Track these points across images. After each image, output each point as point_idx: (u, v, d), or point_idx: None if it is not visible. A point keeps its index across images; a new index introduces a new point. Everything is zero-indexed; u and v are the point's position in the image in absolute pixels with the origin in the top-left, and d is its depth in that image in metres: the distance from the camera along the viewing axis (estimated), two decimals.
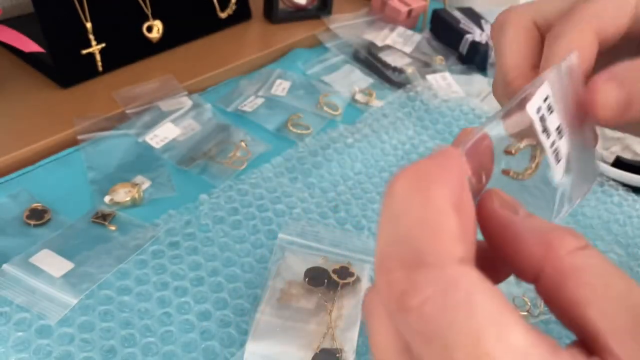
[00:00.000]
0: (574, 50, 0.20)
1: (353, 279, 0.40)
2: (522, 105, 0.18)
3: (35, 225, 0.43)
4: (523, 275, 0.16)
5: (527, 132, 0.18)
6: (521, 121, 0.18)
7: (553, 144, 0.19)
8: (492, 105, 0.64)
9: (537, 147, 0.19)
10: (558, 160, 0.20)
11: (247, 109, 0.58)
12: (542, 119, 0.18)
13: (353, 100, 0.62)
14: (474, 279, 0.13)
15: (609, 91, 0.20)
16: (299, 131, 0.56)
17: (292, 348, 0.36)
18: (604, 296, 0.14)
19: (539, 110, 0.18)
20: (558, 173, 0.20)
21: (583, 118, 0.21)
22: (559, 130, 0.19)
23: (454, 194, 0.14)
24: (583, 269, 0.15)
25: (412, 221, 0.14)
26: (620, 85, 0.20)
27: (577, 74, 0.20)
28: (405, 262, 0.13)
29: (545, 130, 0.19)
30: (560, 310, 0.15)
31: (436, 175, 0.14)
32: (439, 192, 0.14)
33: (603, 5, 0.22)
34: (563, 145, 0.20)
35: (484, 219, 0.17)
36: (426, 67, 0.68)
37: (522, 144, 0.19)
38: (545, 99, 0.18)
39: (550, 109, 0.19)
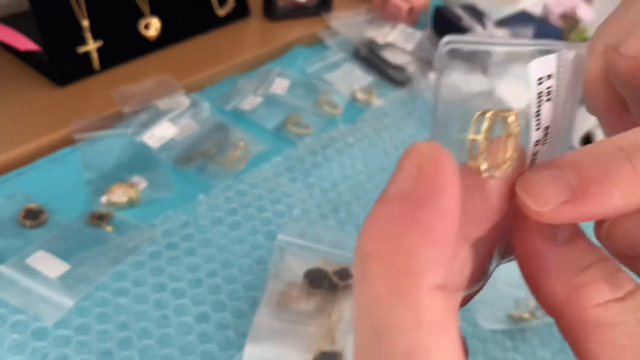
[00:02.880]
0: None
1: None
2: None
3: (31, 226, 0.42)
4: (544, 307, 0.14)
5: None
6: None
7: (537, 143, 0.15)
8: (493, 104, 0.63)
9: (513, 130, 0.14)
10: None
11: (246, 107, 0.57)
12: (540, 98, 0.14)
13: (353, 98, 0.62)
14: None
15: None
16: (298, 130, 0.55)
17: (291, 351, 0.35)
18: None
19: (540, 81, 0.14)
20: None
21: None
22: (546, 132, 0.15)
23: (438, 270, 0.12)
24: (611, 327, 0.12)
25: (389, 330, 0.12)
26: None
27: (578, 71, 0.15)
28: None
29: (538, 114, 0.15)
30: None
31: (417, 251, 0.12)
32: (423, 285, 0.11)
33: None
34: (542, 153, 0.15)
35: (515, 233, 0.14)
36: (428, 65, 0.68)
37: (504, 113, 0.14)
38: (549, 77, 0.14)
39: (549, 93, 0.15)
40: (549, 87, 0.14)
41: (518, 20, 0.70)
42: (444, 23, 0.72)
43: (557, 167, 0.14)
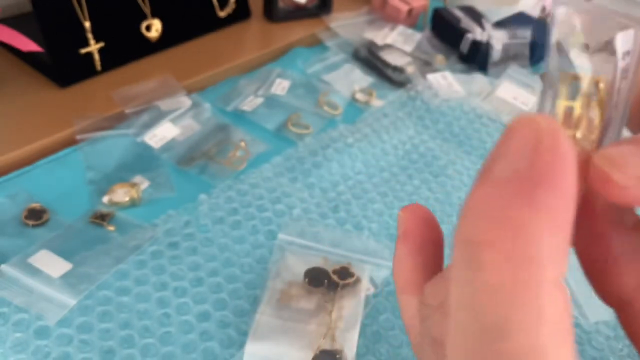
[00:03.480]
0: None
1: (353, 279, 0.40)
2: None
3: (33, 226, 0.42)
4: (604, 297, 0.13)
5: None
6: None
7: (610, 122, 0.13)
8: (493, 104, 0.63)
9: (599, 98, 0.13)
10: None
11: (247, 108, 0.57)
12: (622, 74, 0.13)
13: (353, 99, 0.62)
14: None
15: None
16: (298, 131, 0.56)
17: (291, 349, 0.36)
18: None
19: (624, 56, 0.13)
20: None
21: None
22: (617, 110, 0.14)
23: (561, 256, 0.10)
24: None
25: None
26: None
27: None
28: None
29: (619, 91, 0.13)
30: None
31: (541, 244, 0.10)
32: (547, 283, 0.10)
33: None
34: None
35: (582, 214, 0.13)
36: (427, 66, 0.68)
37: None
38: (628, 53, 0.13)
39: (626, 70, 0.13)
40: (627, 64, 0.13)
41: (516, 21, 0.71)
42: (443, 24, 0.73)
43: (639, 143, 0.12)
